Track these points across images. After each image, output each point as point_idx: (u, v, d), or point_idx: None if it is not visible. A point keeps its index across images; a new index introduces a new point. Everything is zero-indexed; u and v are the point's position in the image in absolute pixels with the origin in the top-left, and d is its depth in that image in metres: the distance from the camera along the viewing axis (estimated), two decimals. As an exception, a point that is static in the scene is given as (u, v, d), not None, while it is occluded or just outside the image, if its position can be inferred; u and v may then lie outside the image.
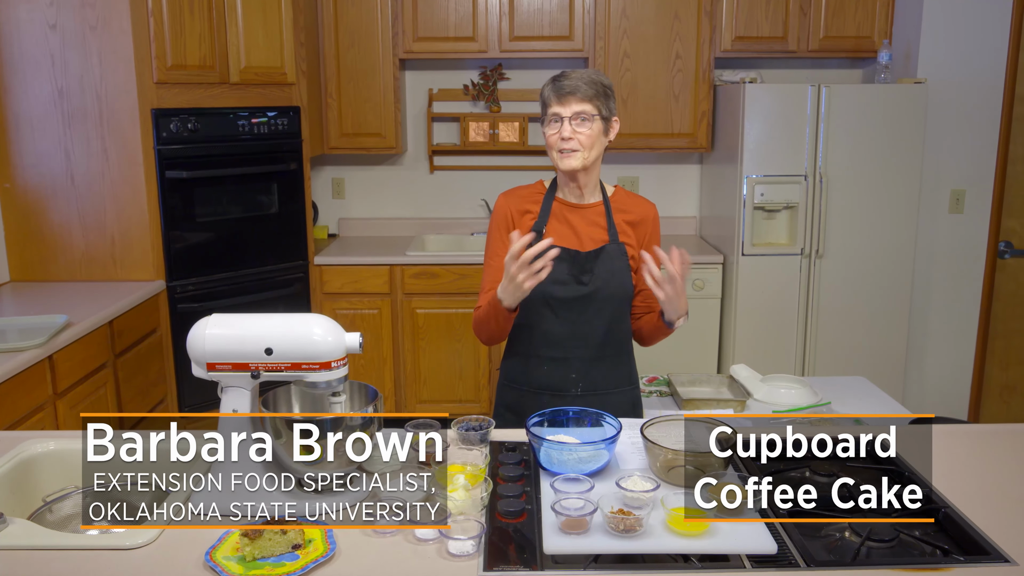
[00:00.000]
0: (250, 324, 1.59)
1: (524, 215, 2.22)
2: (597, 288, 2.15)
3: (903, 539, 1.52)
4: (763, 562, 1.43)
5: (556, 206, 2.21)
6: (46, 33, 3.40)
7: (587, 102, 2.07)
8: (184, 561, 1.44)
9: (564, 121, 2.07)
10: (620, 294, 2.18)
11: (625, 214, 2.22)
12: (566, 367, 2.19)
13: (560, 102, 2.07)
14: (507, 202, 2.24)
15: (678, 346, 4.40)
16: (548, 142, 2.13)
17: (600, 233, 2.19)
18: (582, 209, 2.21)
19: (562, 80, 2.08)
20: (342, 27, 4.44)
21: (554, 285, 2.14)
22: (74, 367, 2.92)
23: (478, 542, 1.46)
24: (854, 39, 4.46)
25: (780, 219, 4.23)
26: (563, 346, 2.18)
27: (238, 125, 3.87)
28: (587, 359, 2.19)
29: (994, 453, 1.88)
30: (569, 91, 2.06)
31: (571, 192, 2.21)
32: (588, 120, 2.08)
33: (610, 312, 2.18)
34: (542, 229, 2.18)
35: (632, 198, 2.28)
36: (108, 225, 3.58)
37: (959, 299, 4.51)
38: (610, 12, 4.41)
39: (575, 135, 2.08)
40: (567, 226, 2.19)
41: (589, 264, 2.15)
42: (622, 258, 2.18)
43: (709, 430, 1.83)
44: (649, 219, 2.25)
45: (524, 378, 2.24)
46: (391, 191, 4.98)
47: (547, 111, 2.11)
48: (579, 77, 2.08)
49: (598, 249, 2.16)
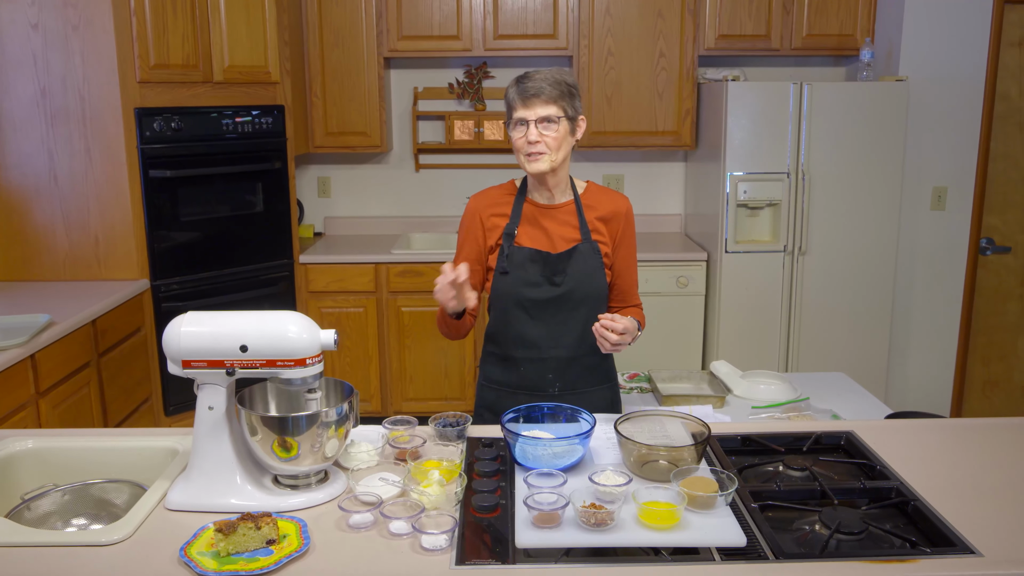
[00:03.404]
0: (225, 321, 1.60)
1: (495, 216, 2.23)
2: (571, 288, 2.16)
3: (872, 531, 1.54)
4: (733, 554, 1.44)
5: (527, 208, 2.22)
6: (28, 33, 3.40)
7: (552, 104, 2.07)
8: (159, 557, 1.45)
9: (530, 124, 2.07)
10: (594, 293, 2.19)
11: (596, 211, 2.23)
12: (543, 367, 2.21)
13: (525, 105, 2.07)
14: (478, 204, 2.25)
15: (662, 343, 4.43)
16: (515, 146, 2.12)
17: (572, 232, 2.20)
18: (553, 210, 2.22)
19: (526, 82, 2.07)
20: (326, 26, 4.44)
21: (527, 287, 2.16)
22: (57, 366, 2.92)
23: (451, 536, 1.47)
24: (837, 37, 4.49)
25: (763, 216, 4.25)
26: (539, 347, 2.20)
27: (222, 124, 3.87)
28: (564, 358, 2.21)
29: (968, 447, 1.90)
30: (533, 93, 2.05)
31: (541, 194, 2.22)
32: (554, 122, 2.07)
33: (585, 311, 2.19)
34: (514, 232, 2.20)
35: (604, 193, 2.28)
36: (92, 224, 3.58)
37: (941, 295, 4.54)
38: (594, 11, 4.43)
39: (542, 138, 2.07)
40: (538, 228, 2.20)
41: (562, 265, 2.16)
42: (595, 256, 2.19)
43: (684, 425, 1.85)
44: (621, 214, 2.25)
45: (502, 378, 2.26)
46: (376, 190, 4.99)
47: (512, 114, 2.10)
48: (543, 78, 2.07)
49: (570, 249, 2.18)
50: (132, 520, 1.55)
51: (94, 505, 1.81)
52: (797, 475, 1.79)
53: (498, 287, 2.20)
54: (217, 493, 1.61)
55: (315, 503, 1.62)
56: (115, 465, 1.87)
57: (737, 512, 1.58)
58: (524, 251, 2.17)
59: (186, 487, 1.63)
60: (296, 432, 1.59)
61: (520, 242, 2.19)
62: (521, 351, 2.21)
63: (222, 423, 1.63)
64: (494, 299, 2.23)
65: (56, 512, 1.78)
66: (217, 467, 1.63)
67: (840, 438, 1.96)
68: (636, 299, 2.33)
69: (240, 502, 1.60)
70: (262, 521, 1.45)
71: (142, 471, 1.84)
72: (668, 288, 4.39)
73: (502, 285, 2.19)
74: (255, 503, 1.60)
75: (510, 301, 2.15)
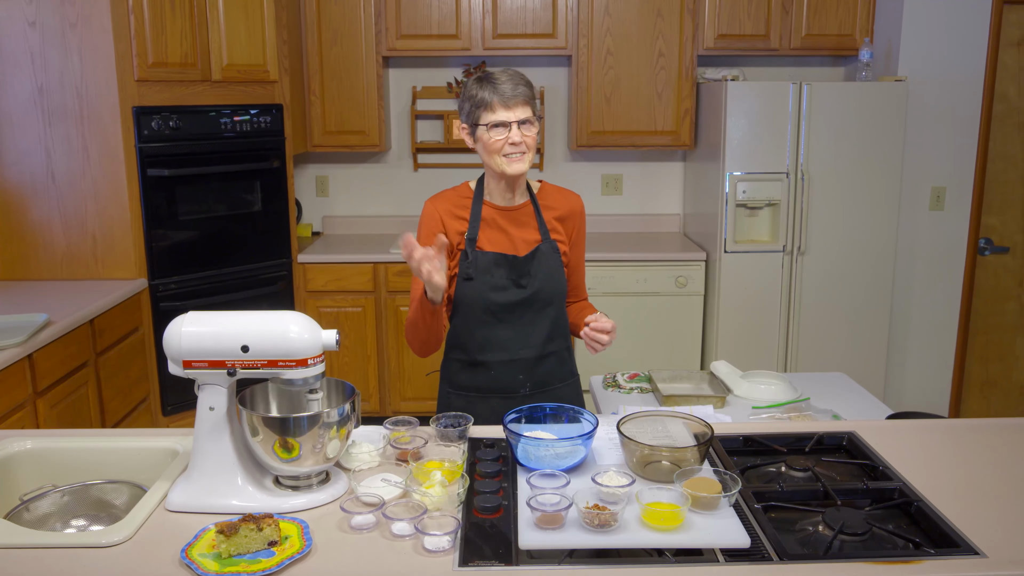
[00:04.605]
0: (226, 321, 1.59)
1: (454, 219, 2.21)
2: (537, 289, 2.17)
3: (875, 532, 1.53)
4: (736, 556, 1.44)
5: (486, 211, 2.21)
6: (25, 30, 3.38)
7: (528, 105, 2.09)
8: (160, 558, 1.44)
9: (512, 126, 2.07)
10: (558, 292, 2.22)
11: (554, 211, 2.25)
12: (513, 368, 2.21)
13: (506, 106, 2.06)
14: (436, 207, 2.23)
15: (661, 343, 4.43)
16: (490, 147, 2.10)
17: (532, 233, 2.21)
18: (512, 211, 2.22)
19: (500, 84, 2.07)
20: (325, 24, 4.43)
21: (494, 291, 2.16)
22: (54, 366, 2.91)
23: (454, 538, 1.47)
24: (836, 37, 4.49)
25: (762, 216, 4.25)
26: (508, 349, 2.20)
27: (220, 123, 3.86)
28: (533, 358, 2.22)
29: (969, 447, 1.90)
30: (512, 95, 2.06)
31: (501, 195, 2.21)
32: (532, 124, 2.10)
33: (551, 311, 2.22)
34: (475, 237, 2.19)
35: (558, 192, 2.30)
36: (89, 223, 3.57)
37: (940, 295, 4.54)
38: (593, 10, 4.42)
39: (523, 139, 2.09)
40: (499, 231, 2.20)
41: (527, 267, 2.17)
42: (555, 255, 2.21)
43: (686, 426, 1.85)
44: (576, 212, 2.29)
45: (471, 383, 2.25)
46: (375, 189, 4.98)
47: (485, 115, 2.08)
48: (515, 80, 2.08)
49: (533, 251, 2.19)
50: (132, 521, 1.54)
51: (94, 506, 1.79)
52: (800, 476, 1.78)
53: (463, 293, 2.18)
54: (218, 494, 1.60)
55: (317, 504, 1.61)
56: (115, 466, 1.85)
57: (740, 513, 1.57)
58: (488, 255, 2.17)
59: (187, 488, 1.62)
60: (297, 433, 1.58)
61: (482, 246, 2.18)
62: (490, 355, 2.21)
63: (223, 424, 1.62)
64: (458, 305, 2.21)
65: (55, 513, 1.77)
66: (218, 468, 1.62)
67: (842, 439, 1.96)
68: (585, 293, 2.40)
69: (241, 503, 1.60)
70: (264, 522, 1.44)
71: (142, 472, 1.83)
72: (667, 288, 4.39)
73: (467, 291, 2.17)
74: (256, 504, 1.59)
75: (477, 307, 2.15)
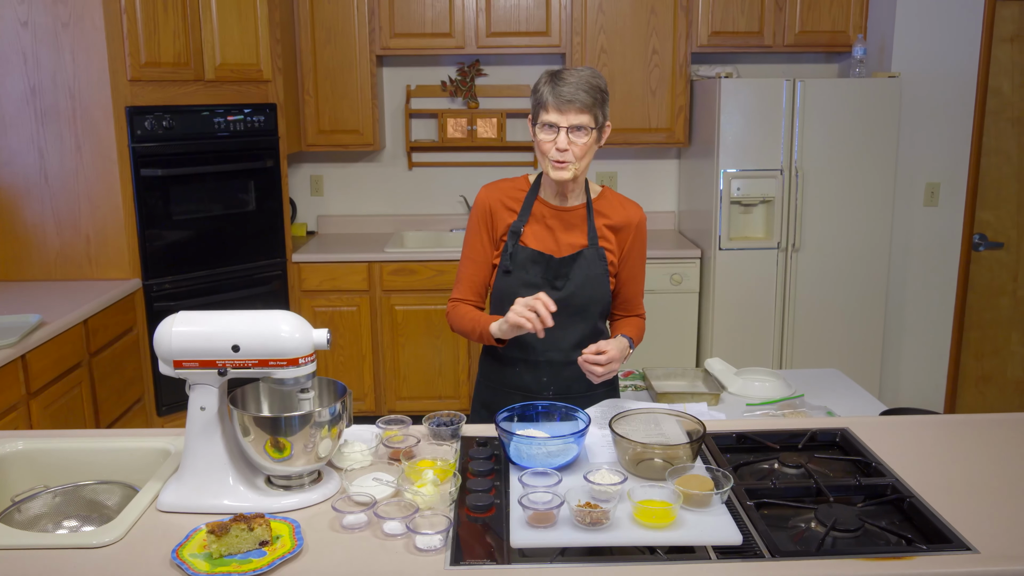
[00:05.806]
0: (217, 321, 1.58)
1: (504, 211, 2.19)
2: (571, 293, 2.13)
3: (868, 529, 1.53)
4: (729, 553, 1.44)
5: (537, 207, 2.18)
6: (17, 30, 3.37)
7: (586, 112, 2.00)
8: (151, 559, 1.43)
9: (561, 131, 2.00)
10: (596, 300, 2.16)
11: (607, 219, 2.19)
12: (537, 370, 2.19)
13: (559, 110, 1.99)
14: (488, 195, 2.21)
15: (656, 341, 4.42)
16: (540, 147, 2.05)
17: (579, 237, 2.17)
18: (564, 212, 2.18)
19: (562, 85, 1.99)
20: (318, 23, 4.42)
21: (526, 288, 2.13)
22: (48, 367, 2.90)
23: (445, 536, 1.46)
24: (829, 33, 4.49)
25: (756, 213, 4.25)
26: (535, 349, 2.17)
27: (214, 122, 3.85)
28: (559, 363, 2.19)
29: (963, 443, 1.90)
30: (569, 99, 1.98)
31: (555, 195, 2.18)
32: (585, 132, 2.02)
33: (584, 318, 2.17)
34: (520, 231, 2.17)
35: (618, 201, 2.23)
36: (83, 223, 3.56)
37: (934, 291, 4.55)
38: (587, 8, 4.42)
39: (571, 146, 2.01)
40: (546, 229, 2.17)
41: (564, 269, 2.13)
42: (600, 263, 2.16)
43: (679, 423, 1.85)
44: (632, 225, 2.20)
45: (498, 377, 2.25)
46: (369, 188, 4.98)
47: (542, 114, 2.03)
48: (579, 84, 1.99)
49: (575, 254, 2.15)
50: (124, 522, 1.53)
51: (85, 507, 1.79)
52: (792, 472, 1.78)
53: (500, 286, 2.18)
54: (209, 494, 1.60)
55: (308, 504, 1.61)
56: (107, 466, 1.85)
57: (733, 510, 1.57)
58: (527, 251, 2.15)
59: (178, 488, 1.61)
60: (289, 432, 1.58)
61: (525, 241, 2.16)
62: (517, 352, 2.19)
63: (214, 423, 1.62)
64: (495, 297, 2.21)
65: (47, 514, 1.76)
66: (209, 468, 1.61)
67: (835, 435, 1.96)
68: (640, 308, 2.31)
69: (233, 503, 1.59)
70: (255, 522, 1.44)
71: (134, 472, 1.83)
72: (662, 286, 4.39)
73: (503, 284, 2.17)
74: (248, 504, 1.59)
75: (509, 302, 2.14)
